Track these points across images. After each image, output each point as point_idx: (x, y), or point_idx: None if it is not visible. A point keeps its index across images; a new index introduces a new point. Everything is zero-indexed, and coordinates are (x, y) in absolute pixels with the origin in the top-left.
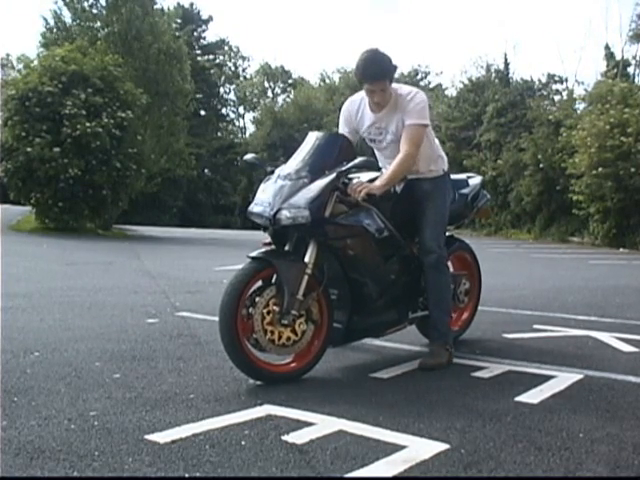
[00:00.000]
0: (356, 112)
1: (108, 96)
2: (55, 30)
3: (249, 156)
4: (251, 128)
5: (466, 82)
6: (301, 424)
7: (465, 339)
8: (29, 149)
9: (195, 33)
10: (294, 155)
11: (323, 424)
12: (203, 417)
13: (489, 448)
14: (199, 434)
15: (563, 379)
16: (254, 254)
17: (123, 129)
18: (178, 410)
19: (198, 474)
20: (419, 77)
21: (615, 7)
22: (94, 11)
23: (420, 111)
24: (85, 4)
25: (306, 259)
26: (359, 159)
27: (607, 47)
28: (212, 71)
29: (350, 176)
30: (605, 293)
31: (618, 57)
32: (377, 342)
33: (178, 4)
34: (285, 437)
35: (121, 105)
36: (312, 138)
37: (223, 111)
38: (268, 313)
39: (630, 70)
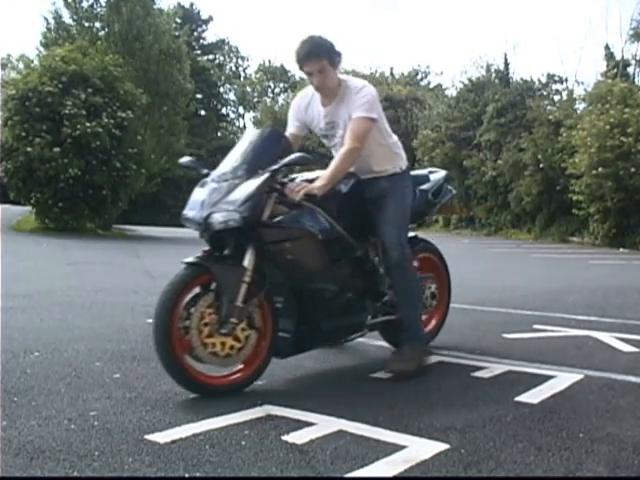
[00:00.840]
0: (306, 106)
1: (108, 96)
2: (55, 30)
3: (185, 159)
4: (251, 128)
5: (466, 82)
6: (301, 424)
7: (465, 339)
8: (29, 149)
9: (195, 33)
10: (229, 154)
11: (323, 424)
12: (203, 417)
13: (489, 448)
14: (199, 434)
15: (563, 379)
16: (189, 259)
17: (123, 129)
18: (178, 410)
19: (198, 474)
20: (419, 77)
21: (615, 7)
22: (94, 11)
23: (366, 104)
24: (85, 4)
25: (245, 264)
26: (293, 155)
27: (607, 47)
28: (212, 71)
29: (293, 175)
30: (605, 293)
31: (618, 57)
32: (377, 342)
33: (178, 4)
34: (285, 437)
35: (121, 105)
36: (249, 135)
37: (223, 111)
38: (205, 325)
39: (630, 70)
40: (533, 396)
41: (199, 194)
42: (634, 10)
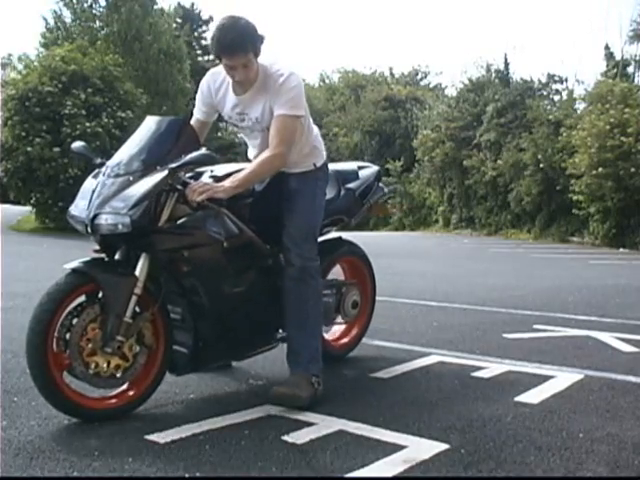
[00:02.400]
0: (218, 88)
1: (108, 96)
2: (55, 30)
3: (77, 144)
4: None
5: (466, 82)
6: (301, 424)
7: (465, 339)
8: (29, 149)
9: (195, 33)
10: (126, 143)
11: (323, 424)
12: (203, 417)
13: (489, 448)
14: (199, 434)
15: (563, 379)
16: (73, 265)
17: (123, 129)
18: (178, 410)
19: (198, 474)
20: (419, 77)
21: (615, 7)
22: (93, 11)
23: (293, 99)
24: (85, 4)
25: (137, 273)
26: (195, 153)
27: (607, 47)
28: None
29: (201, 170)
30: (605, 293)
31: (618, 57)
32: (377, 342)
33: (179, 4)
34: (285, 437)
35: (121, 105)
36: (148, 123)
37: None
38: (88, 342)
39: (630, 70)
40: (533, 396)
41: (88, 188)
42: (633, 11)
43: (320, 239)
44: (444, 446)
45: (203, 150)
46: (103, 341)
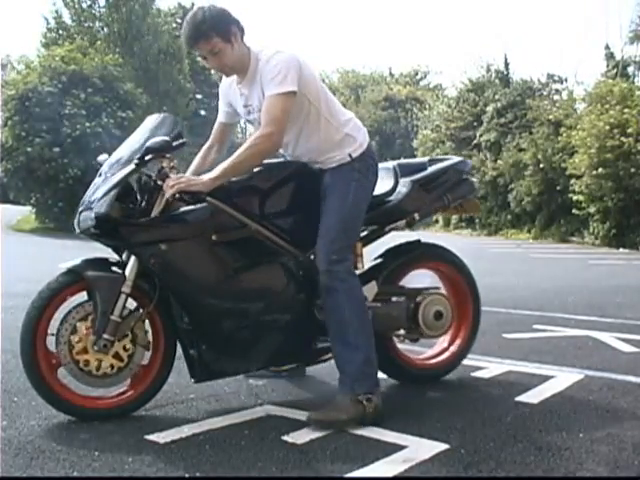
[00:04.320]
0: (230, 84)
1: (108, 96)
2: (55, 30)
3: (103, 157)
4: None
5: (466, 82)
6: (301, 424)
7: None
8: (29, 149)
9: None
10: (123, 142)
11: None
12: (203, 417)
13: (489, 448)
14: (199, 434)
15: (563, 379)
16: (67, 264)
17: (123, 129)
18: (178, 410)
19: (198, 474)
20: (419, 77)
21: (615, 7)
22: (93, 11)
23: (278, 75)
24: (85, 4)
25: (127, 272)
26: (152, 140)
27: (607, 47)
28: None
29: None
30: (605, 293)
31: (618, 57)
32: None
33: (179, 4)
34: (285, 437)
35: (121, 105)
36: (144, 121)
37: None
38: (79, 341)
39: (630, 70)
40: (533, 396)
41: (89, 188)
42: (633, 12)
43: (391, 242)
44: (444, 446)
45: (159, 137)
46: (94, 339)
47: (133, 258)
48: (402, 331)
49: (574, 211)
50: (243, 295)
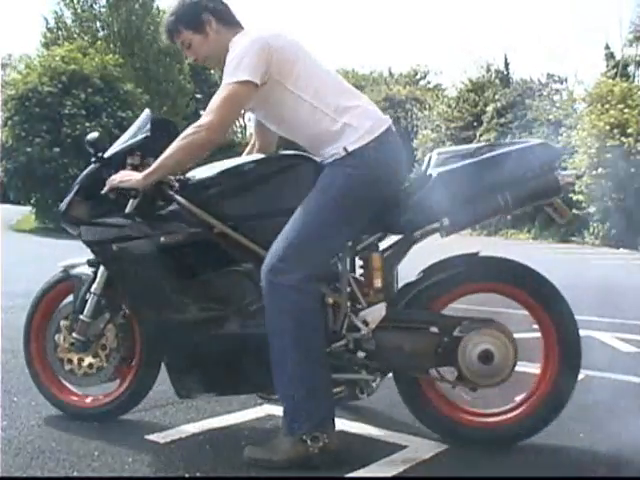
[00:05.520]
0: None
1: (108, 96)
2: (56, 30)
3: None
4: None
5: (466, 82)
6: None
7: None
8: (29, 149)
9: None
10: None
11: None
12: (203, 417)
13: (489, 448)
14: (199, 434)
15: None
16: (63, 263)
17: (123, 129)
18: (178, 410)
19: (198, 474)
20: (418, 77)
21: (615, 7)
22: (93, 11)
23: (230, 64)
24: (85, 4)
25: (98, 272)
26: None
27: (607, 47)
28: (212, 71)
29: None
30: (605, 293)
31: (618, 57)
32: None
33: None
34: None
35: (121, 105)
36: (142, 115)
37: None
38: (64, 340)
39: (630, 70)
40: None
41: None
42: (633, 13)
43: (432, 257)
44: (444, 446)
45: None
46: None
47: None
48: (449, 374)
49: (574, 211)
50: (195, 306)
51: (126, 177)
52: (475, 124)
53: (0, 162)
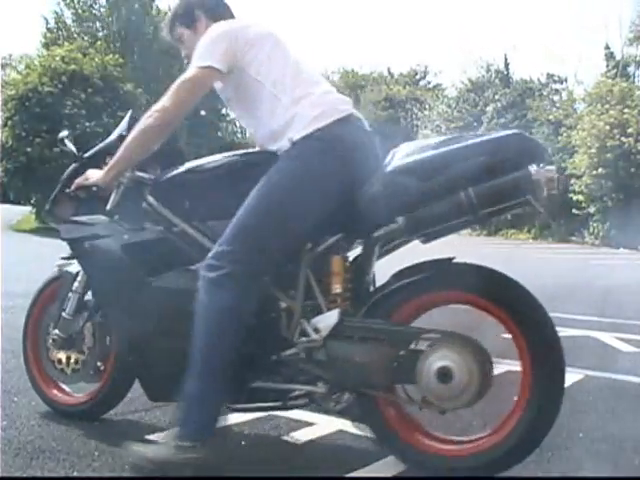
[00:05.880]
0: None
1: (108, 96)
2: (56, 30)
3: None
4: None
5: (466, 82)
6: (301, 424)
7: None
8: (29, 149)
9: None
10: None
11: (323, 424)
12: None
13: None
14: None
15: None
16: (62, 261)
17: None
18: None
19: (198, 474)
20: (418, 77)
21: (615, 7)
22: (93, 11)
23: (197, 50)
24: (85, 5)
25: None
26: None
27: (607, 47)
28: None
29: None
30: (605, 293)
31: (618, 57)
32: None
33: None
34: (285, 437)
35: (121, 105)
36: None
37: (223, 111)
38: (53, 341)
39: (630, 70)
40: None
41: None
42: (633, 13)
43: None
44: None
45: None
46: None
47: None
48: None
49: (574, 211)
50: (149, 309)
51: (90, 175)
52: (475, 124)
53: (0, 162)
